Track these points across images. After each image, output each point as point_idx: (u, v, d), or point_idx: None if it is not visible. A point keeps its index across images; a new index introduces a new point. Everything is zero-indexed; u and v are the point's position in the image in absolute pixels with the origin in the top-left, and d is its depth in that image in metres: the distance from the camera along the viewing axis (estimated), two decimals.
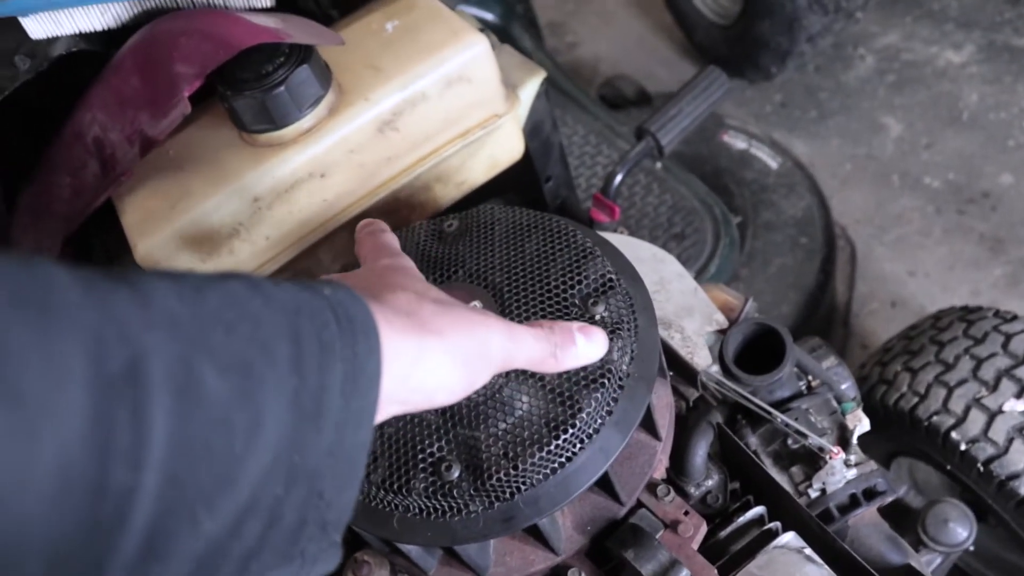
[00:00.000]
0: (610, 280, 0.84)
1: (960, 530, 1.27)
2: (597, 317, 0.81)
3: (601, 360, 0.77)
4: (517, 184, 1.26)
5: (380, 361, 0.55)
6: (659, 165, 1.79)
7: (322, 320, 0.52)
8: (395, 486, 0.76)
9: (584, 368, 0.77)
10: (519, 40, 2.08)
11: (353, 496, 0.54)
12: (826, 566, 0.83)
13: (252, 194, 0.98)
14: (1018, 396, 1.26)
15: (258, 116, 0.96)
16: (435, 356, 0.61)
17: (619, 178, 1.35)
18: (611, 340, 0.79)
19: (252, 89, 0.95)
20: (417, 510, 0.77)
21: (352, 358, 0.53)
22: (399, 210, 1.10)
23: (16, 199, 1.18)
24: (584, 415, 0.75)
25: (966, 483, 1.28)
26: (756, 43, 2.24)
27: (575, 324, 0.72)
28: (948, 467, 1.29)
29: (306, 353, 0.50)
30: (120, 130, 1.01)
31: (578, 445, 0.76)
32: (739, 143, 2.05)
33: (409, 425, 0.77)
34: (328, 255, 1.08)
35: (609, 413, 0.77)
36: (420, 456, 0.76)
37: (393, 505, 0.78)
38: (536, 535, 0.83)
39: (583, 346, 0.71)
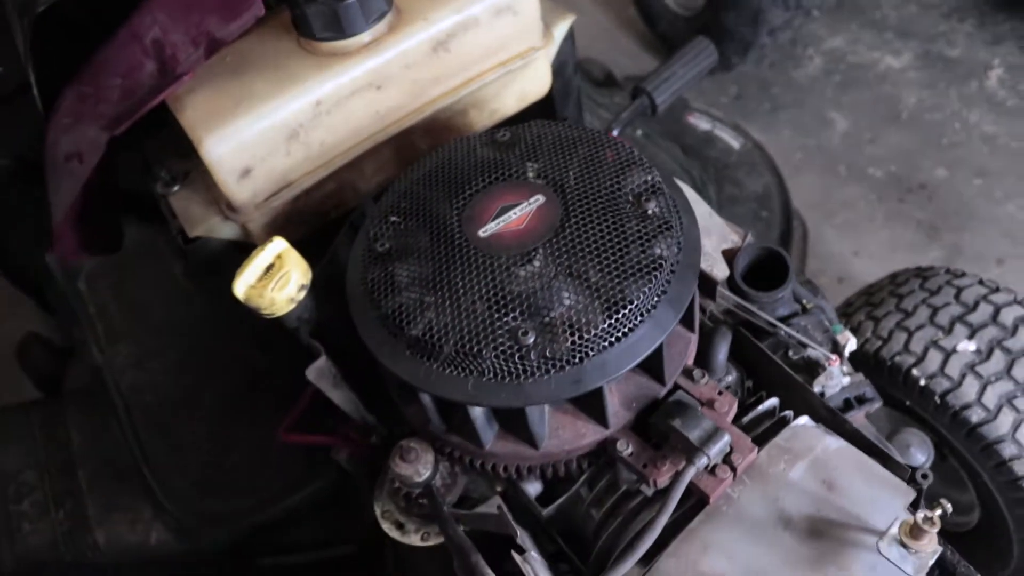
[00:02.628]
0: (657, 183, 0.93)
1: (919, 455, 1.42)
2: (649, 212, 0.90)
3: (655, 248, 0.86)
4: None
5: None
6: (640, 132, 1.90)
7: None
8: (474, 350, 0.83)
9: (642, 253, 0.86)
10: None
11: None
12: (840, 438, 0.93)
13: (315, 98, 1.04)
14: (970, 338, 1.40)
15: (328, 24, 1.03)
16: None
17: (615, 133, 1.45)
18: (664, 231, 0.88)
19: None
20: (492, 374, 0.84)
21: None
22: (437, 131, 1.17)
23: (53, 103, 1.20)
24: (645, 291, 0.84)
25: (923, 417, 1.42)
26: (720, 34, 2.38)
27: None
28: (907, 402, 1.43)
29: None
30: (184, 32, 1.06)
31: (639, 318, 0.85)
32: (703, 124, 2.18)
33: (485, 297, 0.85)
34: (371, 167, 1.14)
35: (664, 293, 0.87)
36: (499, 323, 0.83)
37: (469, 370, 0.85)
38: (588, 409, 0.92)
39: None
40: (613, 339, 0.84)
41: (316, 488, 1.49)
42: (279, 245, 0.95)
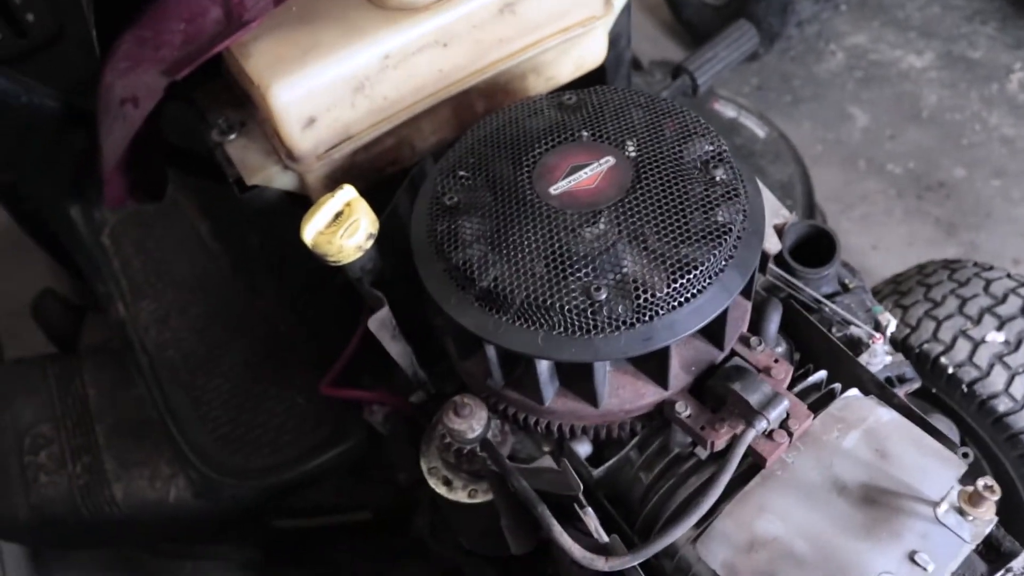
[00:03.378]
0: (724, 152, 0.95)
1: None
2: (717, 178, 0.91)
3: (723, 214, 0.88)
4: None
5: None
6: None
7: None
8: (547, 303, 0.84)
9: (712, 218, 0.87)
10: None
11: None
12: (892, 408, 0.95)
13: (384, 51, 1.04)
14: (999, 329, 1.42)
15: None
16: None
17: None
18: (731, 198, 0.89)
19: None
20: (562, 328, 0.85)
21: None
22: (495, 94, 1.18)
23: (109, 47, 1.20)
24: (715, 254, 0.85)
25: (948, 405, 1.44)
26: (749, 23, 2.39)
27: None
28: (934, 390, 1.45)
29: None
30: None
31: (708, 280, 0.86)
32: (729, 112, 2.20)
33: (557, 252, 0.86)
34: (430, 126, 1.15)
35: (731, 257, 0.88)
36: (571, 278, 0.84)
37: (539, 323, 0.86)
38: (650, 370, 0.93)
39: None
40: (682, 299, 0.85)
41: (344, 450, 1.50)
42: (349, 193, 0.95)
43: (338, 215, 0.95)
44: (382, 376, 1.20)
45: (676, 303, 0.85)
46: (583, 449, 1.02)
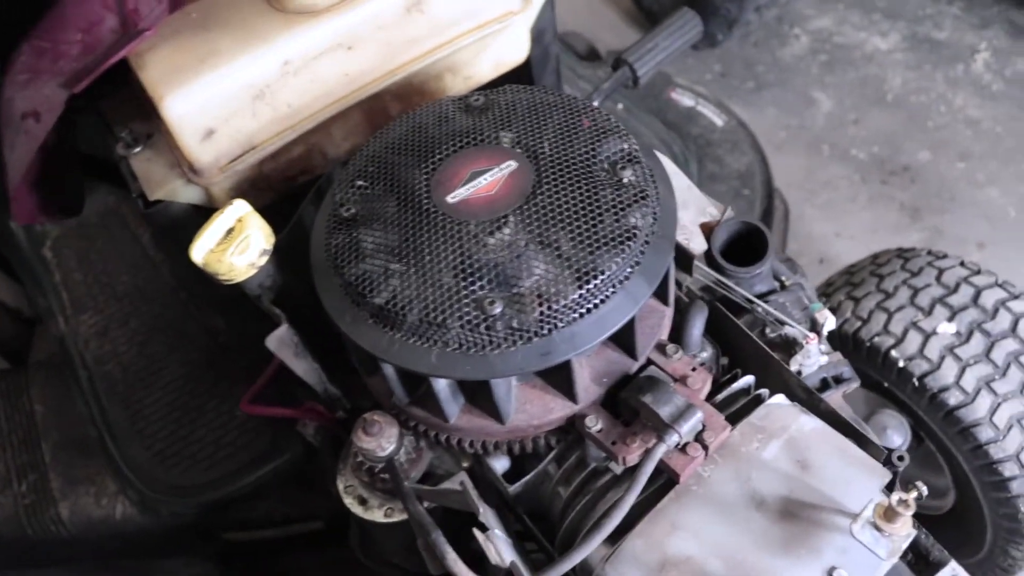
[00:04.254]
0: (634, 151, 0.90)
1: (896, 437, 1.40)
2: (625, 180, 0.87)
3: (630, 217, 0.83)
4: None
5: None
6: (620, 106, 1.86)
7: None
8: (438, 319, 0.80)
9: (616, 222, 0.83)
10: None
11: None
12: (816, 417, 0.91)
13: (283, 57, 1.00)
14: (950, 320, 1.38)
15: None
16: None
17: (595, 104, 1.41)
18: (639, 200, 0.85)
19: None
20: (456, 344, 0.81)
21: None
22: (410, 95, 1.13)
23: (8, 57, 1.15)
24: (618, 261, 0.81)
25: (900, 399, 1.40)
26: (706, 10, 2.34)
27: None
28: (886, 384, 1.41)
29: None
30: None
31: (611, 289, 0.82)
32: (686, 100, 2.15)
33: (451, 265, 0.82)
34: (341, 131, 1.10)
35: (638, 264, 0.84)
36: (464, 292, 0.80)
37: (433, 340, 0.82)
38: (557, 383, 0.89)
39: None
40: (583, 310, 0.81)
41: (281, 463, 1.46)
42: (240, 208, 0.91)
43: (230, 231, 0.90)
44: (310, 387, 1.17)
45: (576, 314, 0.81)
46: (500, 464, 0.98)
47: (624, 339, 0.89)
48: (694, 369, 0.91)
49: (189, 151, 1.01)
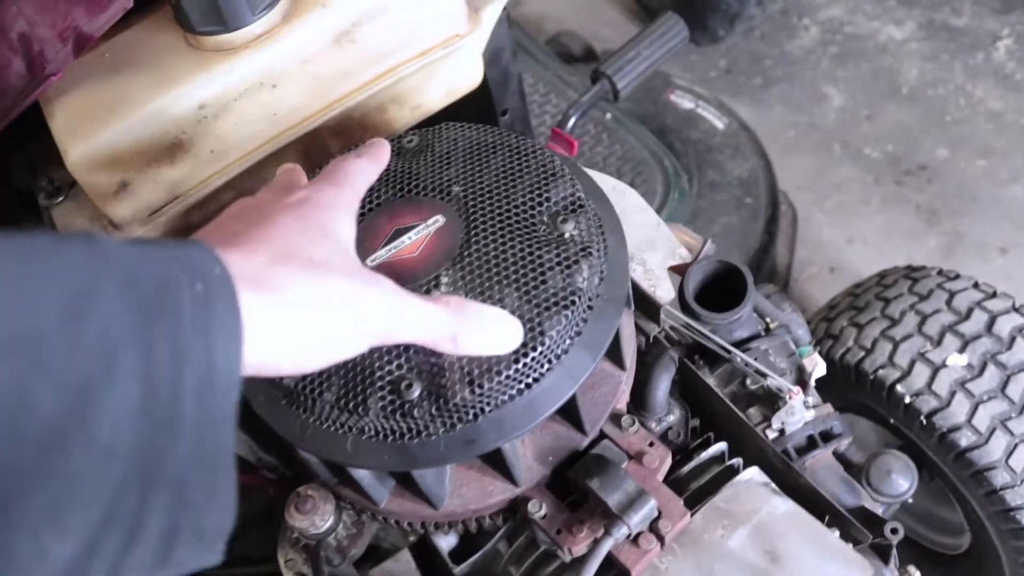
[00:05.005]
0: (579, 199, 0.80)
1: (902, 481, 1.28)
2: (567, 235, 0.77)
3: (571, 279, 0.74)
4: (471, 116, 1.20)
5: (241, 346, 0.48)
6: (608, 115, 1.76)
7: (175, 301, 0.46)
8: (350, 405, 0.71)
9: (554, 287, 0.73)
10: None
11: (230, 501, 0.49)
12: (791, 499, 0.81)
13: (197, 101, 0.91)
14: (961, 351, 1.27)
15: (207, 15, 0.89)
16: (289, 325, 0.55)
17: (573, 120, 1.31)
18: (581, 259, 0.75)
19: None
20: (373, 432, 0.72)
21: (207, 349, 0.46)
22: (351, 131, 1.04)
23: None
24: (552, 335, 0.71)
25: (908, 436, 1.29)
26: (706, 4, 2.23)
27: (492, 310, 0.67)
28: (891, 420, 1.30)
29: (156, 349, 0.44)
30: (50, 25, 0.93)
31: (545, 366, 0.72)
32: (686, 103, 2.04)
33: None
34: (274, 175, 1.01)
35: (578, 334, 0.74)
36: (378, 374, 0.71)
37: (347, 427, 0.73)
38: (495, 465, 0.80)
39: (492, 335, 0.66)
40: (513, 392, 0.71)
41: (259, 500, 1.38)
42: None
43: None
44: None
45: (505, 396, 0.71)
46: (446, 542, 0.89)
47: (571, 412, 0.80)
48: (652, 444, 0.81)
49: (102, 205, 0.92)
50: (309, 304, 0.56)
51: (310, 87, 0.96)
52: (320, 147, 1.03)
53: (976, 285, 1.35)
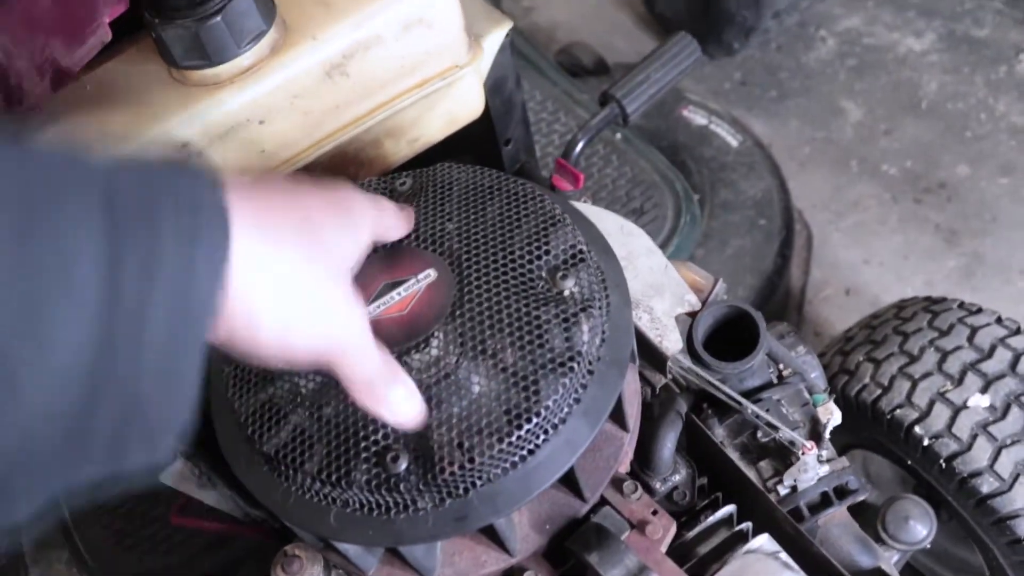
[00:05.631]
0: (580, 251, 0.75)
1: (920, 528, 1.23)
2: (566, 292, 0.72)
3: (570, 341, 0.69)
4: (473, 146, 1.16)
5: (225, 270, 0.46)
6: (619, 136, 1.71)
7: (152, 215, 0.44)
8: (333, 477, 0.67)
9: (551, 350, 0.68)
10: None
11: (187, 412, 0.47)
12: (802, 572, 0.76)
13: (181, 138, 0.86)
14: (983, 391, 1.21)
15: (190, 50, 0.85)
16: (274, 284, 0.52)
17: (580, 146, 1.26)
18: (581, 319, 0.70)
19: (184, 18, 0.84)
20: (358, 505, 0.68)
21: (186, 267, 0.44)
22: (345, 166, 0.99)
23: None
24: (550, 403, 0.66)
25: (925, 478, 1.24)
26: (720, 16, 2.17)
27: (408, 384, 0.63)
28: (909, 462, 1.24)
29: (124, 261, 0.42)
30: (28, 58, 0.89)
31: (542, 436, 0.67)
32: (699, 119, 1.98)
33: (352, 408, 0.68)
34: None
35: (577, 401, 0.69)
36: (363, 444, 0.67)
37: (331, 499, 0.68)
38: (489, 534, 0.75)
39: (397, 404, 0.62)
40: (507, 464, 0.66)
41: (240, 546, 1.35)
42: None
43: None
44: None
45: (498, 470, 0.66)
46: None
47: (569, 480, 0.75)
48: (655, 512, 0.76)
49: None
50: (299, 276, 0.54)
51: (300, 122, 0.92)
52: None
53: (999, 320, 1.29)
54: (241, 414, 0.72)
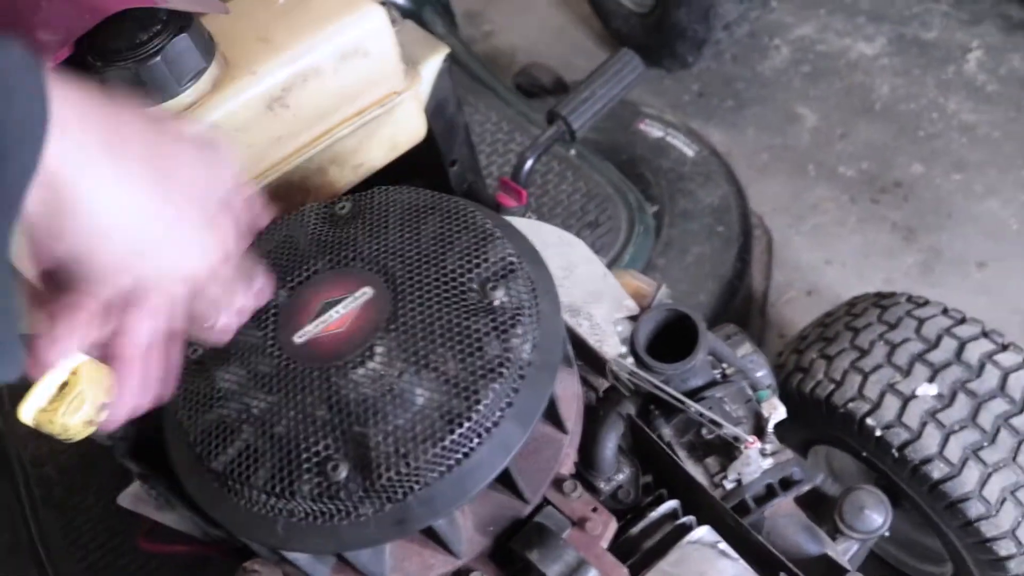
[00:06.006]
0: (511, 263, 0.79)
1: (876, 516, 1.26)
2: (496, 302, 0.75)
3: (500, 347, 0.72)
4: (420, 169, 1.20)
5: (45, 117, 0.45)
6: (572, 152, 1.75)
7: None
8: (278, 489, 0.70)
9: (482, 357, 0.71)
10: (431, 26, 2.02)
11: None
12: (741, 560, 0.79)
13: None
14: (930, 380, 1.25)
15: (132, 89, 0.88)
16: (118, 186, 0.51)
17: (529, 163, 1.30)
18: (511, 327, 0.74)
19: (124, 60, 0.87)
20: (303, 514, 0.71)
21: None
22: (292, 195, 1.03)
23: None
24: (481, 407, 0.70)
25: (882, 469, 1.27)
26: (673, 31, 2.22)
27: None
28: (864, 453, 1.28)
29: None
30: None
31: (475, 440, 0.70)
32: (655, 131, 2.03)
33: (294, 422, 0.71)
34: None
35: (509, 405, 0.72)
36: (305, 455, 0.70)
37: (277, 510, 0.71)
38: (435, 538, 0.78)
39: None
40: (443, 468, 0.70)
41: (212, 573, 1.36)
42: (74, 360, 0.81)
43: (64, 385, 0.80)
44: None
45: (434, 474, 0.69)
46: None
47: (509, 482, 0.78)
48: (595, 510, 0.79)
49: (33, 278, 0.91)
50: (144, 191, 0.53)
51: (244, 154, 0.95)
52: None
53: (945, 311, 1.33)
54: (190, 434, 0.75)
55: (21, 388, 0.79)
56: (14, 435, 1.64)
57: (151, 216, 0.54)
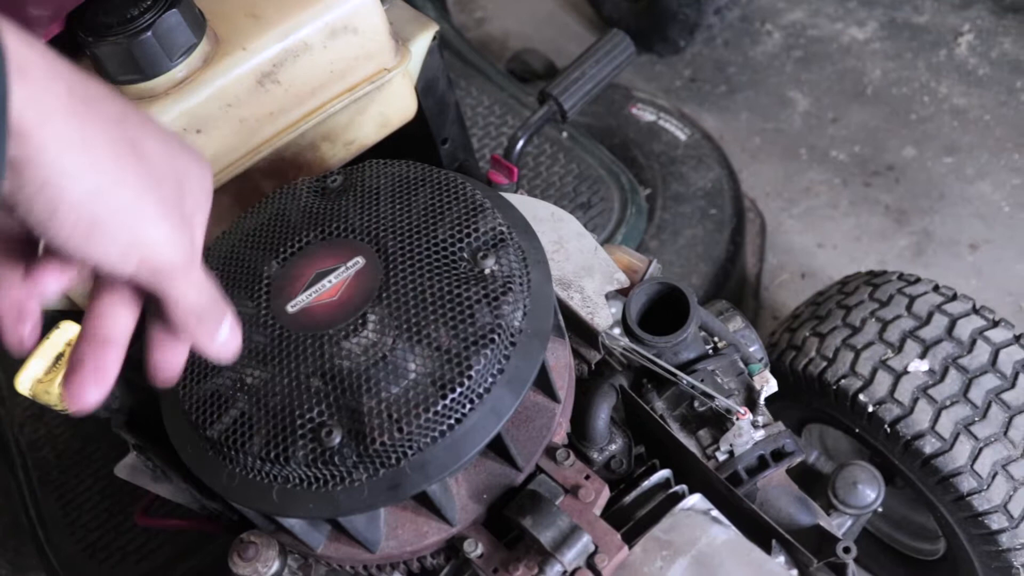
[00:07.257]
0: (501, 233, 0.79)
1: (869, 492, 1.26)
2: (487, 271, 0.76)
3: (491, 315, 0.73)
4: (413, 148, 1.20)
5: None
6: (564, 134, 1.75)
7: None
8: (273, 455, 0.70)
9: (473, 324, 0.72)
10: (423, 11, 2.02)
11: None
12: (733, 527, 0.80)
13: None
14: (922, 356, 1.25)
15: (124, 65, 0.89)
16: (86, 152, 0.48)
17: (521, 143, 1.30)
18: (502, 294, 0.74)
19: (116, 35, 0.87)
20: (298, 480, 0.71)
21: None
22: (284, 171, 1.03)
23: None
24: (473, 373, 0.70)
25: (874, 445, 1.28)
26: (664, 15, 2.23)
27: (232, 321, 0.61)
28: (857, 430, 1.28)
29: None
30: None
31: (468, 405, 0.71)
32: (647, 115, 2.03)
33: (288, 389, 0.72)
34: (210, 218, 1.00)
35: (500, 371, 0.72)
36: (299, 422, 0.70)
37: (272, 476, 0.72)
38: (429, 505, 0.78)
39: (223, 338, 0.60)
40: (436, 433, 0.70)
41: (209, 552, 1.37)
42: (69, 330, 0.81)
43: (60, 356, 0.81)
44: None
45: (427, 439, 0.70)
46: None
47: (502, 449, 0.78)
48: (587, 477, 0.80)
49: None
50: (112, 171, 0.49)
51: (236, 130, 0.95)
52: (253, 189, 1.02)
53: (936, 288, 1.34)
54: (186, 403, 0.75)
55: (17, 379, 0.80)
56: (12, 420, 1.64)
57: (117, 181, 0.50)
